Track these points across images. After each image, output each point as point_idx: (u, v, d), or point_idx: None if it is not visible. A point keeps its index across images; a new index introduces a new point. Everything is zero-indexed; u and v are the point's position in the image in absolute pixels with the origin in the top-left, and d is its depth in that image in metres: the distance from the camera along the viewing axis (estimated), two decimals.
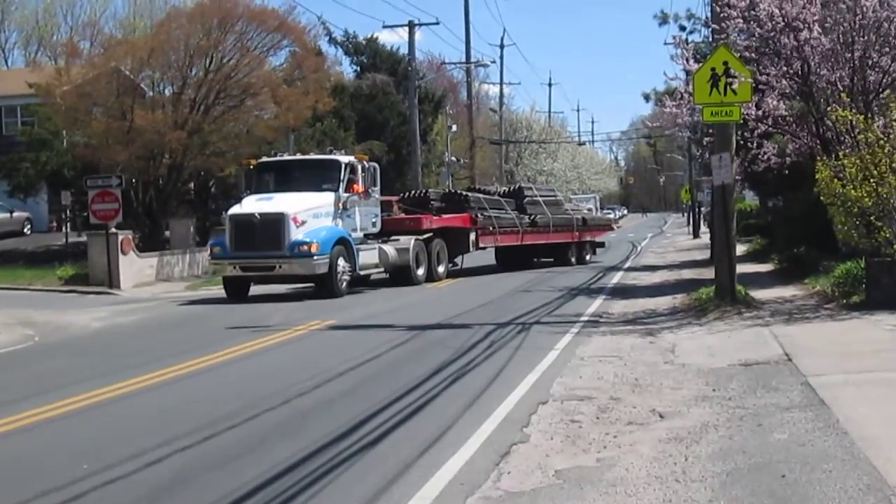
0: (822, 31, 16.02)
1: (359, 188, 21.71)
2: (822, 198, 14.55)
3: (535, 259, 29.82)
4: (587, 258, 31.32)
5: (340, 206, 21.06)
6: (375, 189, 22.78)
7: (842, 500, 5.38)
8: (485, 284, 23.23)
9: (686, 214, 68.27)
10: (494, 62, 65.22)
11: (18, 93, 36.55)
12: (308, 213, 20.42)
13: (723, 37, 15.79)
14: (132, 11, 46.22)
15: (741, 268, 17.62)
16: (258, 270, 20.60)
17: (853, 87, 16.21)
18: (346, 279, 20.60)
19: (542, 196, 30.31)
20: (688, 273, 23.99)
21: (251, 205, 20.83)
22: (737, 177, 18.12)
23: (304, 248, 19.80)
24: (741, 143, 17.98)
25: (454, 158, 53.99)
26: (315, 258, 19.79)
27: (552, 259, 29.88)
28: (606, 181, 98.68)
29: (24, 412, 8.75)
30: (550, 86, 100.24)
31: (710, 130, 17.86)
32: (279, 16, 32.33)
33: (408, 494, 5.94)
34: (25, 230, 38.62)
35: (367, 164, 22.57)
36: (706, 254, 28.87)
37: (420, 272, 23.38)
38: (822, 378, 8.75)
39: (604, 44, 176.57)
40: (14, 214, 38.24)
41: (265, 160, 22.87)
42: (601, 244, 34.28)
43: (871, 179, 13.34)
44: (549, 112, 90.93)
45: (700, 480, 5.94)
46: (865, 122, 14.21)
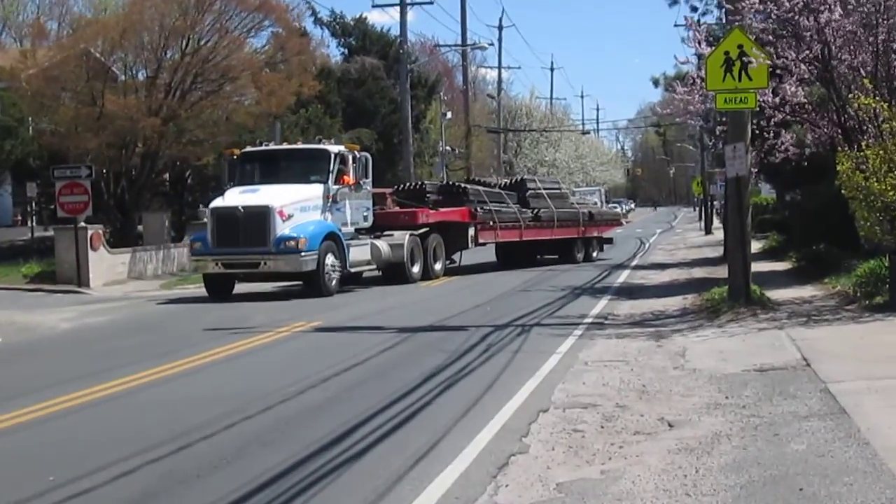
0: (844, 13, 16.02)
1: (349, 180, 21.71)
2: (844, 191, 14.55)
3: (539, 256, 29.87)
4: (594, 255, 31.31)
5: (330, 199, 21.06)
6: (367, 181, 22.76)
7: None
8: (484, 283, 23.25)
9: (697, 209, 68.44)
10: (492, 45, 65.08)
11: None
12: (295, 207, 20.41)
13: (737, 18, 15.78)
14: None
15: (756, 266, 17.66)
16: (242, 267, 20.60)
17: (877, 73, 16.21)
18: (336, 277, 20.62)
19: (546, 189, 30.30)
20: (699, 272, 24.04)
21: (234, 197, 20.83)
22: (752, 168, 18.12)
23: (291, 244, 19.82)
24: (757, 133, 17.99)
25: (449, 148, 54.00)
26: (302, 254, 19.80)
27: (556, 256, 29.92)
28: (612, 173, 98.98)
29: None
30: (552, 70, 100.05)
31: (724, 118, 17.83)
32: None
33: None
34: None
35: (359, 155, 22.57)
36: (719, 251, 28.95)
37: (415, 270, 23.39)
38: (843, 385, 8.76)
39: (610, 25, 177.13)
40: None
41: (249, 150, 22.86)
42: (609, 240, 34.28)
43: None
44: (551, 98, 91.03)
45: (712, 494, 5.95)
46: (890, 111, 14.22)
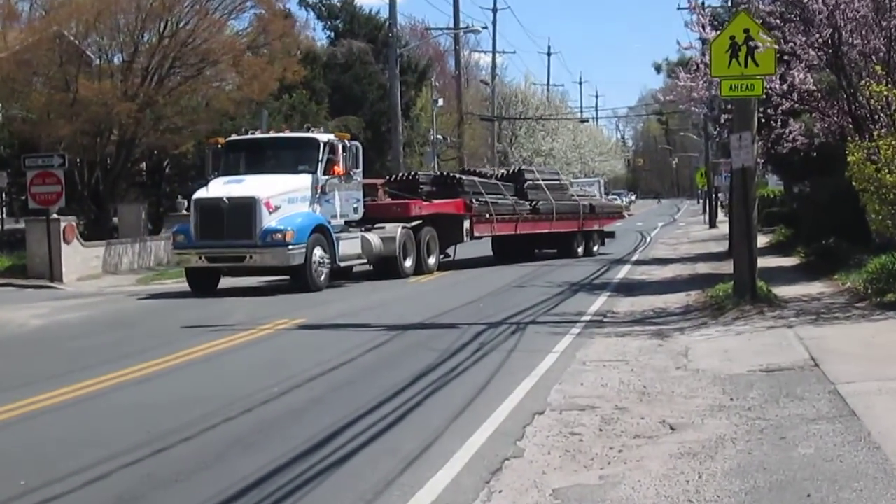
0: None
1: (339, 170, 21.71)
2: (854, 183, 14.58)
3: (537, 250, 29.88)
4: (595, 249, 31.34)
5: (318, 190, 21.09)
6: (358, 171, 22.77)
7: None
8: (478, 278, 23.29)
9: (701, 201, 68.54)
10: (486, 28, 64.97)
11: None
12: (282, 198, 20.42)
13: (743, 1, 15.77)
14: None
15: (763, 261, 17.67)
16: (226, 261, 20.65)
17: (889, 60, 16.22)
18: (325, 271, 20.66)
19: (545, 180, 30.30)
20: (703, 267, 24.08)
21: (219, 188, 20.83)
22: (759, 159, 18.13)
23: (278, 237, 19.84)
24: (763, 122, 17.97)
25: (440, 137, 53.94)
26: (290, 248, 19.81)
27: (556, 250, 29.95)
28: (612, 163, 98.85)
29: None
30: (549, 55, 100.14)
31: (729, 106, 17.86)
32: None
33: None
34: None
35: (349, 144, 22.55)
36: (723, 245, 29.02)
37: (408, 264, 23.43)
38: (853, 386, 8.78)
39: (609, 7, 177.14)
40: None
41: (235, 138, 22.85)
42: (611, 234, 34.24)
43: None
44: (548, 85, 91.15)
45: (715, 501, 5.96)
46: None
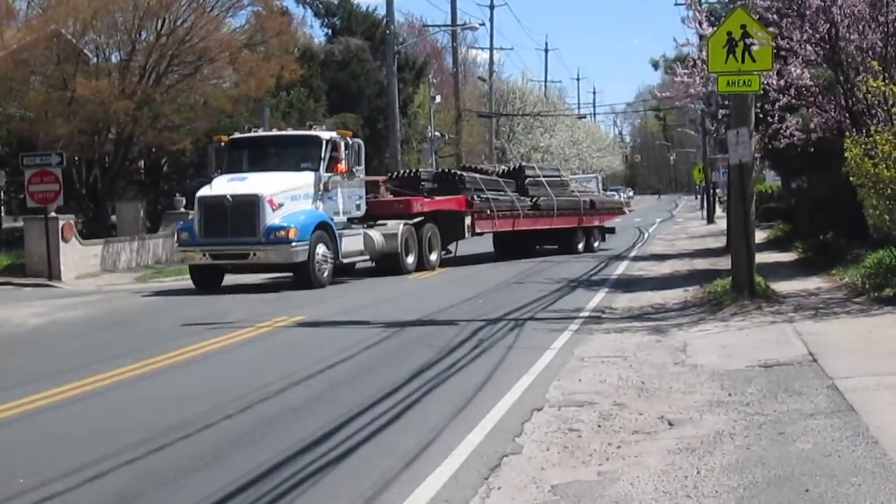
0: None
1: (342, 167, 21.77)
2: (852, 178, 14.58)
3: (538, 246, 29.91)
4: (596, 245, 31.41)
5: (321, 188, 21.17)
6: (360, 168, 22.83)
7: None
8: (479, 274, 23.35)
9: (699, 197, 68.53)
10: (483, 24, 65.02)
11: None
12: (285, 195, 20.49)
13: None
14: None
15: (761, 257, 17.69)
16: (230, 258, 20.74)
17: (886, 55, 16.21)
18: (328, 268, 20.77)
19: (546, 176, 30.36)
20: (701, 263, 24.07)
21: (222, 186, 20.93)
22: (756, 154, 18.14)
23: (281, 234, 19.94)
24: (761, 117, 17.97)
25: (438, 133, 53.94)
26: (293, 245, 19.90)
27: (556, 246, 29.98)
28: (610, 159, 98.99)
29: None
30: (547, 52, 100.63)
31: (727, 102, 17.84)
32: None
33: None
34: None
35: (351, 141, 22.60)
36: (721, 241, 29.00)
37: (409, 260, 23.51)
38: (851, 381, 8.79)
39: (607, 4, 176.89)
40: None
41: (238, 136, 22.97)
42: (612, 230, 34.31)
43: None
44: (546, 81, 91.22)
45: (714, 496, 5.96)
46: None
